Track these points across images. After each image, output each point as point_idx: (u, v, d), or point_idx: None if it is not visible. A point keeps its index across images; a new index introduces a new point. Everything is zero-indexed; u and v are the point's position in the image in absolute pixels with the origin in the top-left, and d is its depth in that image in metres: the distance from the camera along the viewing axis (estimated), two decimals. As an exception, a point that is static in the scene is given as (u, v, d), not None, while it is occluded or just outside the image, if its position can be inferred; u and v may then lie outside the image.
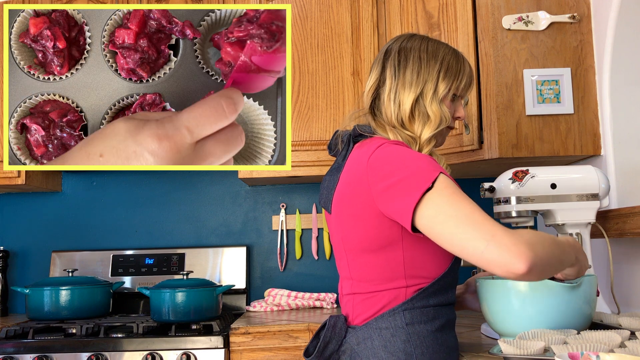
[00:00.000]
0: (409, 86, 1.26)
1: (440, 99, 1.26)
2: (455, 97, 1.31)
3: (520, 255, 0.95)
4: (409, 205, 1.05)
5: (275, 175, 2.20)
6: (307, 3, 2.25)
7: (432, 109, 1.25)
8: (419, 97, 1.26)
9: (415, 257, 1.16)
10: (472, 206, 1.03)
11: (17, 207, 2.58)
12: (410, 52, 1.28)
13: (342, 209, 1.22)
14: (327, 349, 1.22)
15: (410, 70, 1.26)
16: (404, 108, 1.25)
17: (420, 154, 1.15)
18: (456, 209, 1.02)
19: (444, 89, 1.27)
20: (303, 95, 2.22)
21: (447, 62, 1.28)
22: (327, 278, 2.50)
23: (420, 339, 1.14)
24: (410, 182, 1.07)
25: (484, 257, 0.97)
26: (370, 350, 1.14)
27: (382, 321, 1.15)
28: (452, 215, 1.02)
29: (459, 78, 1.29)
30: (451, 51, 1.31)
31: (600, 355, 0.90)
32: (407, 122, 1.26)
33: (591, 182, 1.62)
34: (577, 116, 1.90)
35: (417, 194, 1.04)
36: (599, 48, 1.90)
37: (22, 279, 2.52)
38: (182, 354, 1.83)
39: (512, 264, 0.95)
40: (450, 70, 1.28)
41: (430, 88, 1.26)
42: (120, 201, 2.58)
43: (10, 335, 1.91)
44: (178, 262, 2.42)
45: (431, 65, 1.27)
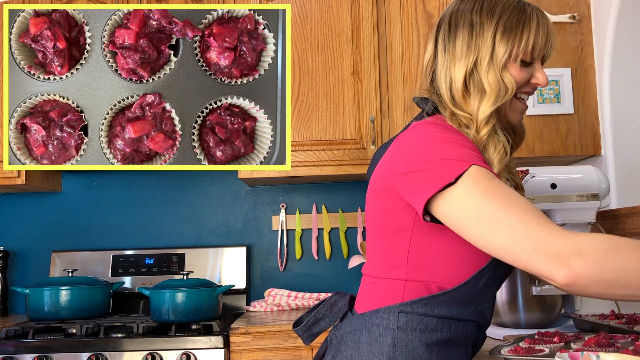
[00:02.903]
0: (459, 58, 1.07)
1: (501, 65, 1.05)
2: (527, 60, 1.08)
3: (564, 265, 0.83)
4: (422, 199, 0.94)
5: (275, 175, 2.20)
6: (307, 3, 2.25)
7: (488, 79, 1.05)
8: (473, 68, 1.06)
9: (421, 248, 1.04)
10: (510, 205, 0.88)
11: (17, 207, 2.58)
12: (461, 16, 1.09)
13: (371, 184, 1.13)
14: (317, 325, 1.14)
15: (461, 39, 1.08)
16: (456, 84, 1.07)
17: (455, 140, 0.98)
18: (489, 211, 0.88)
19: (504, 52, 1.05)
20: (303, 95, 2.22)
21: (506, 19, 1.06)
22: (327, 278, 2.50)
23: (408, 347, 1.01)
24: (429, 175, 0.94)
25: (528, 267, 0.86)
26: (355, 343, 1.05)
27: (377, 316, 1.05)
28: (484, 219, 0.89)
29: (523, 36, 1.06)
30: (513, 5, 1.08)
31: (600, 355, 0.90)
32: (461, 100, 1.07)
33: (591, 182, 1.62)
34: (577, 116, 1.91)
35: (434, 189, 0.92)
36: (599, 48, 1.90)
37: (22, 279, 2.52)
38: (182, 354, 1.83)
39: (554, 275, 0.84)
40: (510, 28, 1.05)
41: (485, 54, 1.06)
42: (120, 201, 2.58)
43: (10, 335, 1.90)
44: (178, 262, 2.42)
45: (485, 28, 1.06)
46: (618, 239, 0.86)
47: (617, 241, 0.85)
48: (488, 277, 1.03)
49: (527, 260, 0.85)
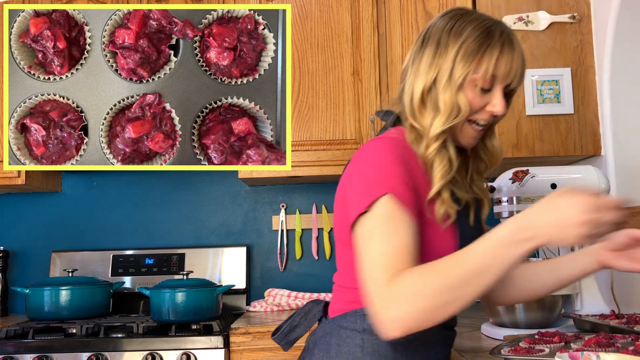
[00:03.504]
0: (422, 73, 1.09)
1: (457, 86, 1.06)
2: (485, 87, 1.07)
3: (385, 327, 0.91)
4: (349, 224, 1.03)
5: (275, 175, 2.20)
6: (307, 3, 2.25)
7: (444, 98, 1.06)
8: (432, 85, 1.08)
9: None
10: (380, 250, 0.96)
11: (17, 207, 2.58)
12: (434, 33, 1.11)
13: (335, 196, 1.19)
14: (293, 332, 1.20)
15: (427, 55, 1.10)
16: (415, 96, 1.09)
17: (380, 162, 1.03)
18: (367, 249, 0.98)
19: (460, 75, 1.05)
20: (303, 95, 2.22)
21: (469, 43, 1.06)
22: (327, 278, 2.49)
23: (374, 347, 1.07)
24: (355, 199, 1.02)
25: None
26: (326, 346, 1.12)
27: (344, 320, 1.12)
28: (362, 255, 0.99)
29: (483, 63, 1.05)
30: (481, 29, 1.07)
31: (600, 355, 0.90)
32: (418, 112, 1.09)
33: (591, 182, 1.62)
34: (577, 116, 1.91)
35: (354, 215, 1.01)
36: (599, 48, 1.90)
37: (22, 279, 2.52)
38: (182, 354, 1.83)
39: (385, 335, 0.92)
40: (471, 52, 1.05)
41: (445, 73, 1.07)
42: (120, 201, 2.58)
43: (10, 335, 1.90)
44: (178, 262, 2.42)
45: (449, 48, 1.07)
46: (423, 272, 0.92)
47: (428, 270, 0.91)
48: None
49: (371, 311, 0.94)
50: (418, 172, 1.06)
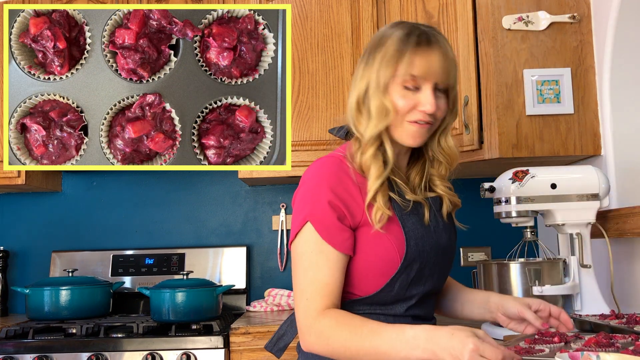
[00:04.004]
0: (356, 84, 1.19)
1: (383, 89, 1.14)
2: (409, 87, 1.14)
3: (305, 340, 1.11)
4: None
5: (275, 175, 2.20)
6: (307, 3, 2.25)
7: (373, 103, 1.15)
8: (364, 94, 1.17)
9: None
10: (307, 279, 1.12)
11: (17, 207, 2.58)
12: (367, 49, 1.21)
13: None
14: (281, 340, 1.29)
15: (360, 68, 1.20)
16: (352, 107, 1.19)
17: (310, 186, 1.15)
18: (296, 274, 1.15)
19: (385, 78, 1.14)
20: (303, 95, 2.22)
21: (389, 47, 1.14)
22: (327, 278, 2.49)
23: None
24: (292, 221, 1.20)
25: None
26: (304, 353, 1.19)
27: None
28: (294, 277, 1.16)
29: (402, 63, 1.13)
30: (401, 34, 1.15)
31: (600, 355, 0.90)
32: (356, 121, 1.19)
33: (591, 182, 1.62)
34: (577, 116, 1.91)
35: (290, 240, 1.20)
36: (599, 48, 1.90)
37: (22, 279, 2.52)
38: (182, 354, 1.83)
39: (302, 343, 1.13)
40: (391, 55, 1.14)
41: (372, 81, 1.15)
42: (120, 201, 2.58)
43: (10, 335, 1.90)
44: (178, 262, 2.42)
45: (376, 58, 1.16)
46: (361, 323, 1.06)
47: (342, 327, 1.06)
48: (401, 280, 1.15)
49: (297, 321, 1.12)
50: (353, 187, 1.14)
